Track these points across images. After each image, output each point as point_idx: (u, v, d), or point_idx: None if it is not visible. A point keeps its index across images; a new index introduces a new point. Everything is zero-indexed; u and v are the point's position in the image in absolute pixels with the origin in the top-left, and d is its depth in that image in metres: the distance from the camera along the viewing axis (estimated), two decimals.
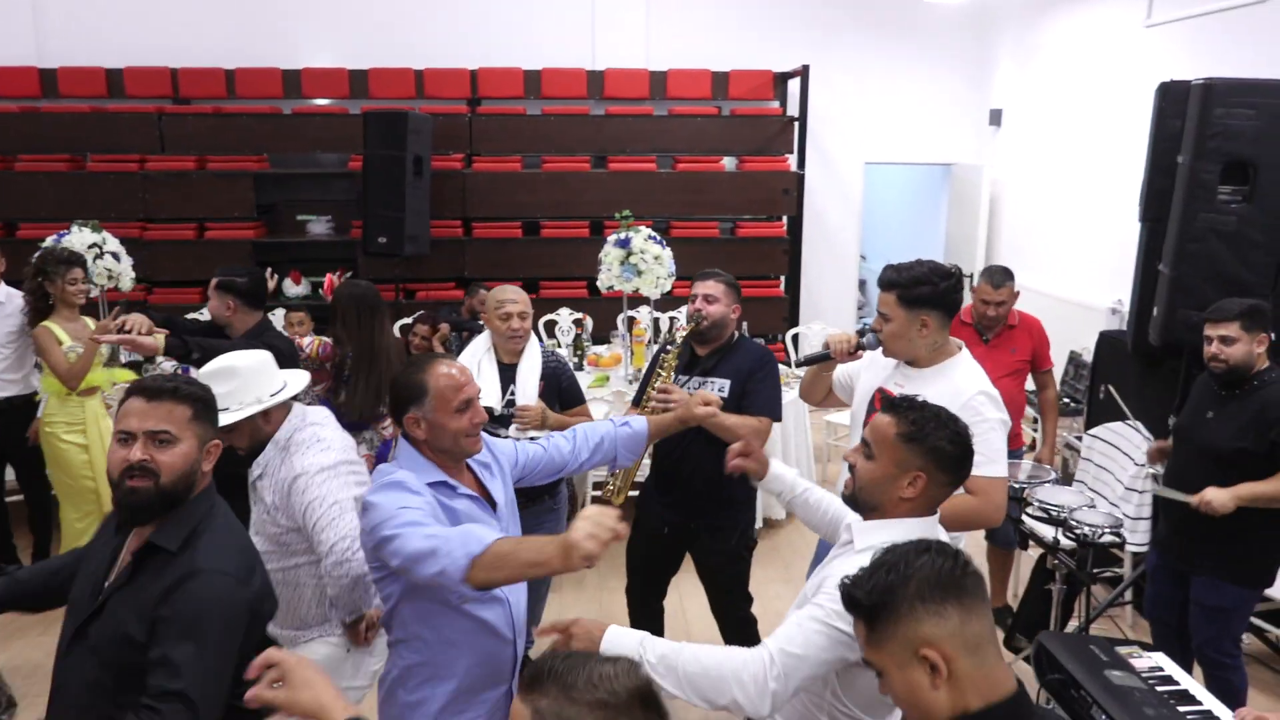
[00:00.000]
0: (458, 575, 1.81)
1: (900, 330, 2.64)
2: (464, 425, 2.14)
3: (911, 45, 8.41)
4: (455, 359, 2.24)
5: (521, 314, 3.44)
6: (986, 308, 4.12)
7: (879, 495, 1.90)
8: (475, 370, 3.53)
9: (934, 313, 2.61)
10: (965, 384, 2.62)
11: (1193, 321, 3.79)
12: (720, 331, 3.38)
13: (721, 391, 3.33)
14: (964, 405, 2.56)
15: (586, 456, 2.54)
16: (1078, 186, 6.97)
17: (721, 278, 3.39)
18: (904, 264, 2.68)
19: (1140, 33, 6.16)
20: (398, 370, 2.16)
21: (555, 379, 3.58)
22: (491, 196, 7.79)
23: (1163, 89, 4.20)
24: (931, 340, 2.64)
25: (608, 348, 6.60)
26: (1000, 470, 2.61)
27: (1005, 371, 4.13)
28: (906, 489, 1.87)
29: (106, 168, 7.59)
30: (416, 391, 2.11)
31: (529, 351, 3.53)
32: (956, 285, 2.65)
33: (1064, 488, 3.60)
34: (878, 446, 1.89)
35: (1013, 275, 4.21)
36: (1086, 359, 6.27)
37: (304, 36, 8.08)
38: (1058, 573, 3.48)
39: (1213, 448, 3.15)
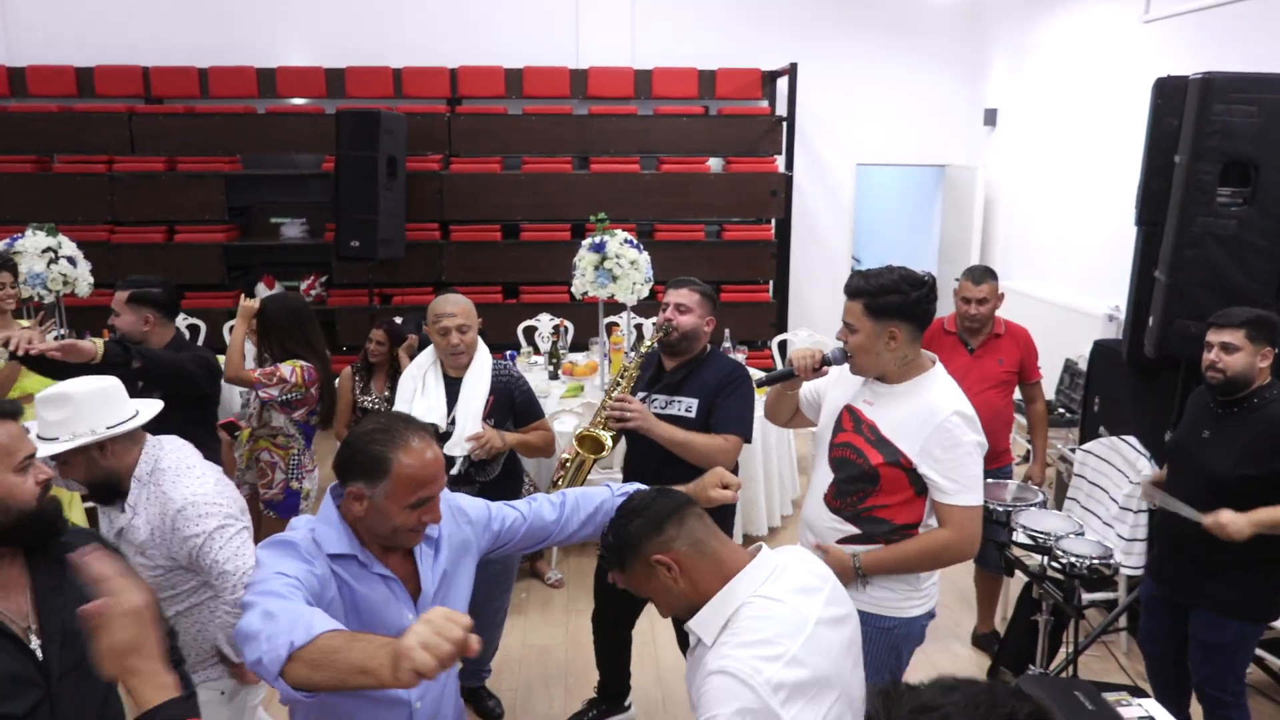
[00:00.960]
0: (274, 668, 1.51)
1: (867, 342, 2.42)
2: (411, 522, 1.81)
3: (903, 43, 8.18)
4: (431, 434, 1.86)
5: (461, 327, 3.21)
6: (968, 306, 3.88)
7: (676, 604, 1.83)
8: (420, 385, 3.31)
9: (903, 324, 2.39)
10: (940, 402, 2.41)
11: (1190, 332, 3.56)
12: (691, 344, 3.17)
13: (689, 411, 3.12)
14: (938, 427, 2.37)
15: (576, 528, 2.17)
16: (1076, 188, 6.73)
17: (696, 286, 3.18)
18: (872, 270, 2.46)
19: (1138, 28, 5.93)
20: (363, 430, 1.82)
21: (507, 394, 3.35)
22: (470, 198, 7.57)
23: (1159, 85, 3.97)
24: (901, 354, 2.42)
25: (586, 355, 6.37)
26: (976, 499, 2.40)
27: (992, 383, 3.90)
28: (679, 580, 1.79)
29: (73, 169, 7.38)
30: (374, 468, 1.78)
31: (476, 365, 3.30)
32: (929, 295, 2.43)
33: (1051, 512, 3.36)
34: (629, 584, 1.87)
35: (996, 276, 3.98)
36: (1083, 367, 6.04)
37: (279, 35, 7.87)
38: (1044, 602, 3.25)
39: (1212, 472, 2.90)
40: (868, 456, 2.43)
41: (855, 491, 2.47)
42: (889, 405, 2.45)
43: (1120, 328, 5.91)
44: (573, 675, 4.03)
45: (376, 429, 1.82)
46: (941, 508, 2.40)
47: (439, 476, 1.83)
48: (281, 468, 3.79)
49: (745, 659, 1.62)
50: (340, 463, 1.83)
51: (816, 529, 2.57)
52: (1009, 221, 7.81)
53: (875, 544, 2.45)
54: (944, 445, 2.35)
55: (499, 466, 3.35)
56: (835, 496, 2.51)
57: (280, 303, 3.82)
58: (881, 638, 2.50)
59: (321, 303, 7.64)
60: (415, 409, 3.26)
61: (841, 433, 2.53)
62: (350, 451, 1.81)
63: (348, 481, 1.81)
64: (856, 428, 2.50)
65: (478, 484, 3.29)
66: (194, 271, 7.43)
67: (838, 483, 2.50)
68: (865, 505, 2.46)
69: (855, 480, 2.46)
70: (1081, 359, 6.08)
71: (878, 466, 2.41)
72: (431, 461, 1.81)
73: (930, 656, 4.12)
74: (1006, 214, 7.85)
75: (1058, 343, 6.43)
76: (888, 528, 2.45)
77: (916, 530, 2.46)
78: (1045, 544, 3.07)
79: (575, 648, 4.21)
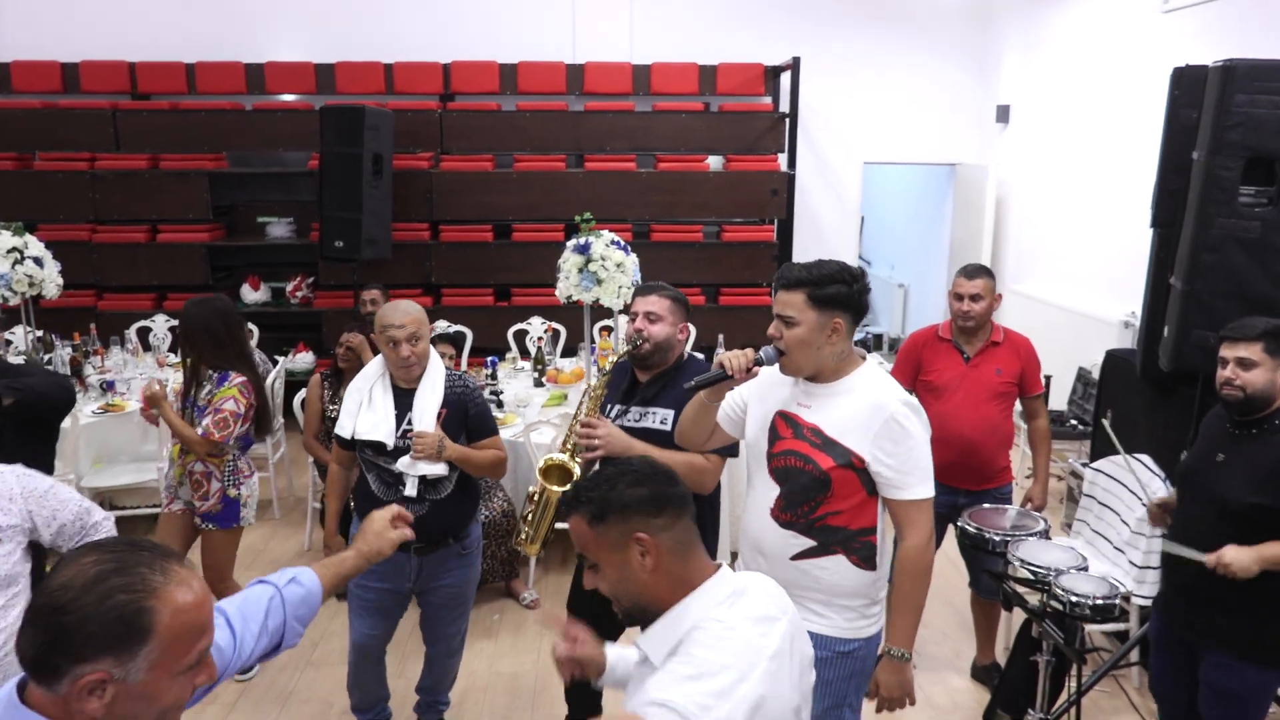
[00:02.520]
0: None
1: (808, 335, 2.24)
2: (184, 694, 1.31)
3: (911, 36, 7.86)
4: (183, 566, 1.31)
5: (412, 337, 2.96)
6: (960, 304, 3.58)
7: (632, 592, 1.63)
8: (366, 397, 3.07)
9: (846, 315, 2.27)
10: (883, 395, 2.28)
11: (1209, 344, 3.26)
12: (665, 355, 2.93)
13: (664, 423, 2.87)
14: (888, 420, 2.23)
15: (253, 645, 1.70)
16: (1090, 187, 6.41)
17: (666, 292, 2.94)
18: (808, 262, 2.31)
19: (1157, 18, 5.61)
20: (74, 581, 1.21)
21: (461, 407, 3.11)
22: (460, 197, 7.33)
23: (1177, 74, 3.67)
24: (840, 348, 2.28)
25: (574, 361, 6.12)
26: (929, 490, 2.29)
27: (988, 395, 3.61)
28: (645, 561, 1.60)
29: (55, 166, 7.20)
30: (125, 633, 1.21)
31: (428, 376, 3.07)
32: (866, 289, 2.30)
33: (1052, 544, 3.07)
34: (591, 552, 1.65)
35: (992, 275, 3.69)
36: (1095, 376, 5.73)
37: (269, 29, 7.67)
38: (1045, 642, 2.96)
39: (1224, 499, 2.61)
40: (817, 462, 2.27)
41: (806, 501, 2.31)
42: (828, 405, 2.30)
43: (1135, 335, 5.60)
44: (540, 707, 3.77)
45: (101, 574, 1.22)
46: (897, 505, 2.29)
47: (211, 609, 1.36)
48: (217, 476, 3.57)
49: (692, 694, 1.49)
50: (47, 646, 1.19)
51: (766, 548, 2.38)
52: (1022, 222, 7.49)
53: (831, 553, 2.31)
54: (895, 438, 2.24)
55: (451, 484, 3.10)
56: (784, 509, 2.34)
57: (207, 308, 3.54)
58: (840, 664, 2.35)
59: (308, 304, 7.43)
60: (362, 423, 3.06)
61: (780, 441, 2.35)
62: (63, 623, 1.18)
63: (71, 669, 1.19)
64: (797, 434, 2.32)
65: (428, 503, 3.05)
66: (177, 272, 7.23)
67: (785, 495, 2.33)
68: (819, 514, 2.31)
69: (805, 489, 2.30)
70: (1095, 367, 5.77)
71: (829, 471, 2.26)
72: (203, 590, 1.31)
73: (925, 691, 3.84)
74: (1019, 214, 7.53)
75: (1071, 350, 6.12)
76: (844, 534, 2.31)
77: (874, 536, 2.33)
78: (1045, 580, 2.78)
79: (548, 674, 3.94)
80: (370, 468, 3.09)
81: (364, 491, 3.13)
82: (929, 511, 2.31)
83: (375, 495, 3.06)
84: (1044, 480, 3.75)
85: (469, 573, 3.27)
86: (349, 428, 3.06)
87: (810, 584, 2.32)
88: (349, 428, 3.06)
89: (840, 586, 2.32)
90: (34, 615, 1.21)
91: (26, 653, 1.21)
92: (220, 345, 3.50)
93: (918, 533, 2.29)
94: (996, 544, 3.08)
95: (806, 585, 2.31)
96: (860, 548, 2.31)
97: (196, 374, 3.57)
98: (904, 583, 2.31)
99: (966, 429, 3.54)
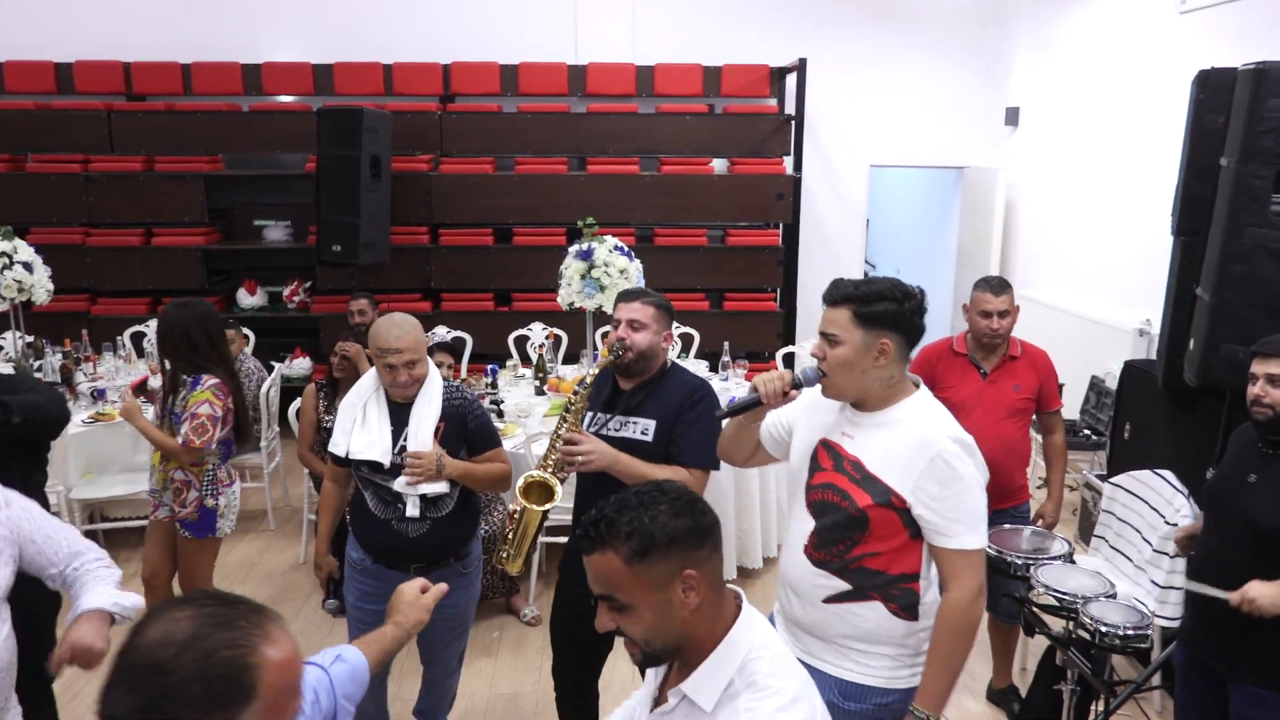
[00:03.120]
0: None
1: (852, 356, 2.06)
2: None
3: (919, 37, 7.73)
4: (275, 622, 1.20)
5: (409, 364, 2.79)
6: (988, 321, 3.43)
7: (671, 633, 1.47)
8: (360, 414, 2.93)
9: (895, 336, 2.06)
10: (933, 430, 2.06)
11: (1239, 358, 3.13)
12: (649, 363, 2.79)
13: (645, 434, 2.75)
14: (934, 458, 2.02)
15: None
16: (1103, 192, 6.28)
17: (649, 299, 2.80)
18: (858, 278, 2.13)
19: (1174, 19, 5.47)
20: (175, 638, 1.10)
21: (459, 419, 2.96)
22: (460, 201, 7.21)
23: (1202, 78, 3.54)
24: (888, 373, 2.08)
25: (576, 368, 5.99)
26: (980, 540, 2.06)
27: (1007, 412, 3.47)
28: (689, 598, 1.46)
29: (48, 168, 7.07)
30: (230, 692, 1.10)
31: (426, 389, 2.92)
32: (920, 308, 2.09)
33: (1078, 568, 2.94)
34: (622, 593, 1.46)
35: (1011, 287, 3.55)
36: (1109, 385, 5.61)
37: (266, 29, 7.55)
38: (1069, 670, 2.83)
39: (1257, 521, 2.48)
40: (853, 498, 2.08)
41: (841, 540, 2.11)
42: (872, 436, 2.10)
43: (1151, 343, 5.48)
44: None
45: (200, 630, 1.11)
46: (942, 554, 2.06)
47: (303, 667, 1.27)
48: (195, 485, 3.51)
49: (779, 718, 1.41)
50: (144, 709, 1.07)
51: (800, 587, 2.19)
52: (1031, 227, 7.36)
53: (867, 599, 2.10)
54: (941, 480, 2.02)
55: (453, 501, 2.96)
56: (818, 547, 2.15)
57: (188, 312, 3.44)
58: (874, 716, 2.14)
59: (305, 309, 7.31)
60: (356, 443, 2.91)
61: (820, 472, 2.17)
62: (163, 683, 1.07)
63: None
64: (837, 465, 2.14)
65: (429, 521, 2.92)
66: (172, 276, 7.11)
67: (819, 530, 2.14)
68: (854, 554, 2.10)
69: (840, 526, 2.11)
70: (1109, 376, 5.65)
71: (866, 509, 2.06)
72: (296, 647, 1.20)
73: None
74: (1029, 219, 7.40)
75: (1083, 358, 5.99)
76: (882, 579, 2.10)
77: (916, 583, 2.12)
78: (1071, 607, 2.66)
79: (548, 695, 3.77)
80: (367, 485, 2.96)
81: (361, 509, 3.00)
82: (978, 563, 2.07)
83: (373, 514, 2.94)
84: (1058, 498, 3.62)
85: (469, 592, 3.14)
86: (343, 446, 2.93)
87: (844, 629, 2.14)
88: (343, 446, 2.93)
89: (876, 635, 2.13)
90: (126, 674, 1.09)
91: (117, 714, 1.09)
92: (195, 350, 3.40)
93: (963, 585, 2.04)
94: (1018, 567, 2.95)
95: (840, 630, 2.14)
96: (900, 595, 2.11)
97: (175, 379, 3.48)
98: (942, 637, 2.06)
99: (984, 447, 3.34)
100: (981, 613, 2.09)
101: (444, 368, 4.36)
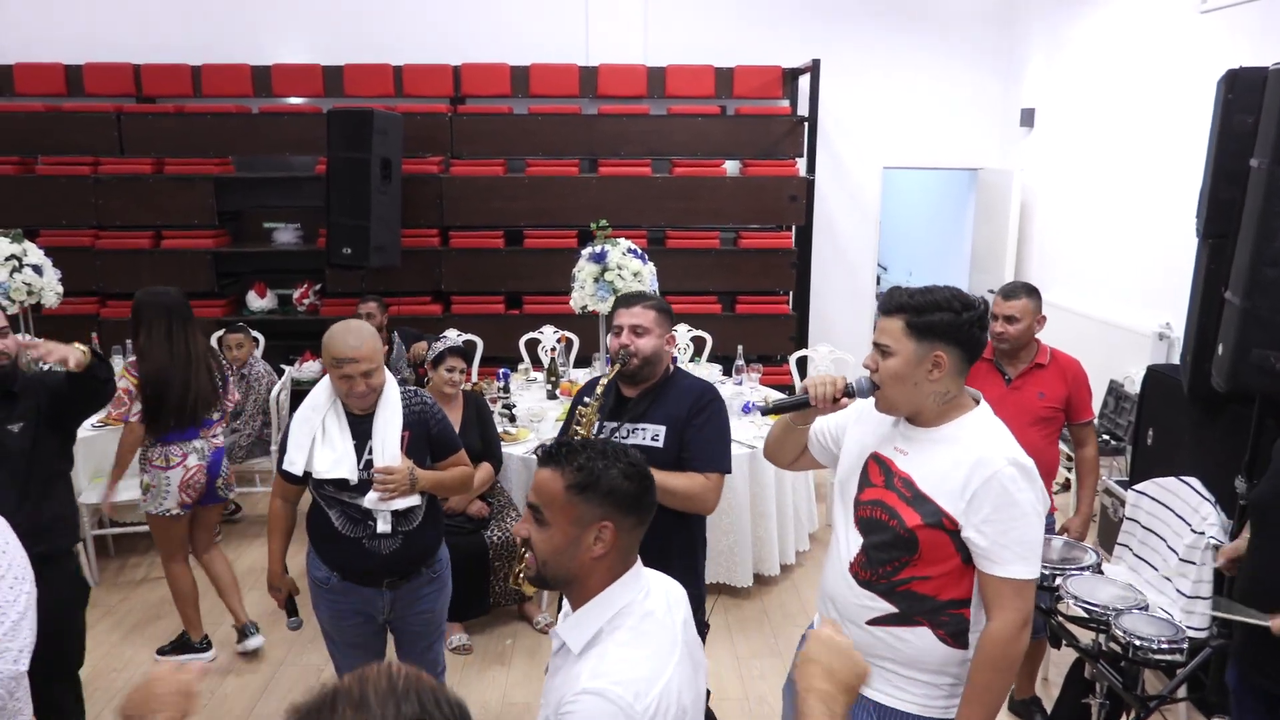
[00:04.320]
0: None
1: (904, 369, 1.98)
2: None
3: (933, 37, 7.66)
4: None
5: (367, 372, 2.67)
6: (995, 324, 3.41)
7: (567, 564, 1.62)
8: (320, 432, 2.75)
9: (952, 349, 1.97)
10: (990, 450, 1.95)
11: (1270, 364, 3.07)
12: (653, 369, 2.74)
13: (655, 440, 2.69)
14: (989, 480, 1.91)
15: None
16: (1120, 194, 6.20)
17: (650, 303, 2.74)
18: (915, 287, 2.03)
19: (1194, 18, 5.40)
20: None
21: (423, 425, 2.87)
22: (470, 203, 7.16)
23: (1230, 77, 3.47)
24: (943, 387, 1.99)
25: (588, 372, 5.93)
26: (1032, 571, 1.94)
27: (1029, 419, 3.40)
28: (595, 546, 1.61)
29: (57, 170, 7.05)
30: None
31: (386, 398, 2.79)
32: (981, 320, 1.99)
33: (1108, 579, 2.87)
34: (548, 509, 1.62)
35: (1037, 294, 3.50)
36: (1129, 389, 5.53)
37: (275, 30, 7.51)
38: (1099, 684, 2.76)
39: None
40: (902, 517, 1.99)
41: (889, 560, 2.02)
42: (926, 453, 2.01)
43: (1171, 346, 5.40)
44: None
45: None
46: (988, 581, 1.95)
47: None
48: (142, 466, 3.89)
49: (625, 682, 1.51)
50: None
51: (843, 607, 2.11)
52: (1047, 229, 7.29)
53: (914, 624, 2.01)
54: (996, 504, 1.91)
55: (422, 511, 2.87)
56: (864, 566, 2.06)
57: (156, 297, 3.82)
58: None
59: (315, 312, 7.27)
60: (320, 461, 2.74)
61: (870, 488, 2.08)
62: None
63: None
64: (888, 482, 2.05)
65: (401, 535, 2.82)
66: (181, 279, 7.01)
67: (867, 549, 2.05)
68: (902, 577, 2.01)
69: (888, 547, 2.01)
70: (1128, 380, 5.58)
71: (915, 529, 1.97)
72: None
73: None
74: (1044, 221, 7.32)
75: (1102, 362, 5.90)
76: (931, 605, 2.00)
77: (966, 610, 2.01)
78: (1102, 619, 2.59)
79: None
80: (332, 504, 2.79)
81: (326, 530, 2.82)
82: (1027, 595, 1.95)
83: (341, 534, 2.79)
84: (1086, 514, 3.56)
85: (442, 596, 3.05)
86: (300, 464, 2.74)
87: (887, 652, 2.05)
88: (300, 464, 2.74)
89: (921, 661, 2.03)
90: None
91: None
92: (155, 334, 3.75)
93: (1007, 616, 1.93)
94: (1045, 578, 2.88)
95: (882, 653, 2.05)
96: (949, 621, 2.01)
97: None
98: (981, 670, 1.95)
99: None
100: (1024, 648, 1.98)
101: (455, 372, 4.32)
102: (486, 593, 4.27)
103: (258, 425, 5.35)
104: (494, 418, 4.58)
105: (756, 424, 4.90)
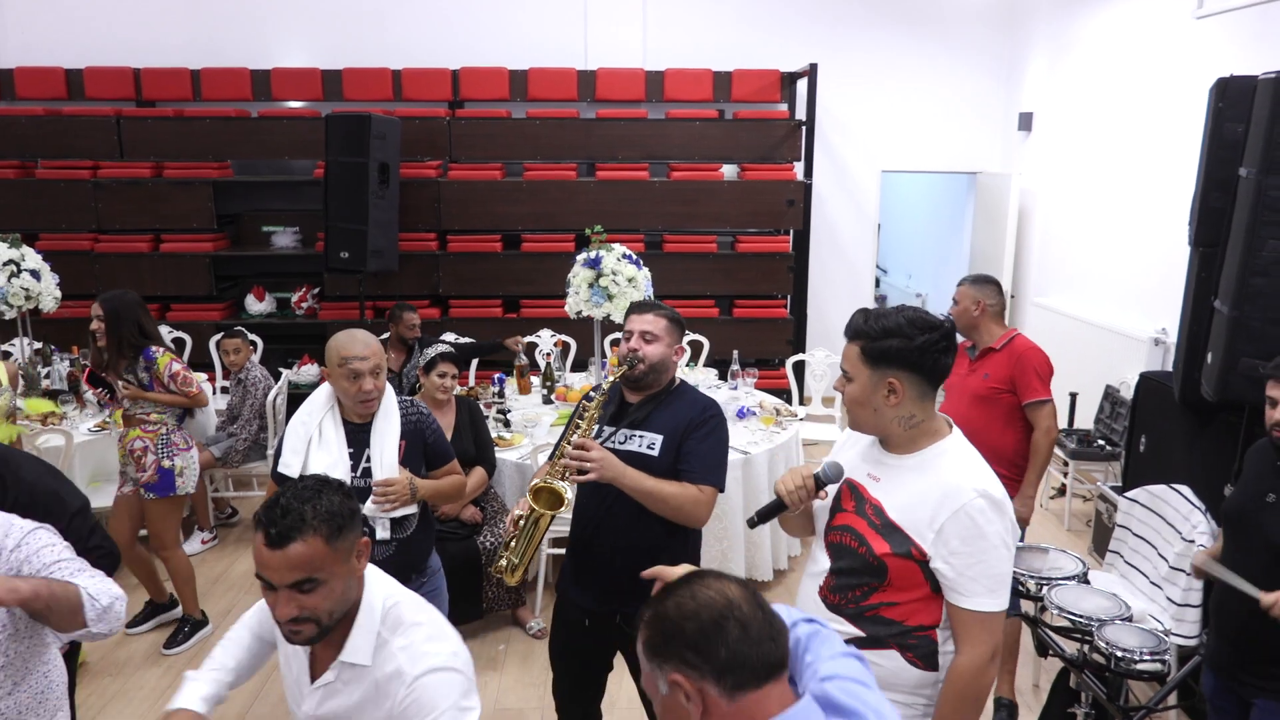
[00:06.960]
0: None
1: (861, 395, 1.97)
2: None
3: (932, 41, 7.67)
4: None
5: (375, 370, 2.72)
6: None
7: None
8: (315, 435, 2.78)
9: (906, 375, 1.93)
10: (960, 480, 1.92)
11: (1258, 373, 3.06)
12: (659, 376, 2.72)
13: (652, 448, 2.67)
14: (958, 512, 1.89)
15: None
16: (1118, 198, 6.20)
17: (662, 311, 2.73)
18: (880, 310, 2.01)
19: (1190, 24, 5.39)
20: None
21: (418, 435, 2.89)
22: (468, 207, 7.18)
23: (1220, 85, 3.47)
24: (905, 411, 1.96)
25: (585, 377, 5.94)
26: (999, 603, 1.91)
27: (970, 399, 3.63)
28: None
29: (57, 174, 7.08)
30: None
31: (385, 408, 2.82)
32: (940, 343, 1.94)
33: (1093, 589, 2.87)
34: (319, 573, 1.67)
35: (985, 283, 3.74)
36: (1124, 395, 5.53)
37: (275, 34, 7.55)
38: (1084, 694, 2.76)
39: (1275, 543, 2.41)
40: (871, 545, 1.97)
41: (857, 586, 2.00)
42: (897, 481, 1.98)
43: (1167, 352, 5.40)
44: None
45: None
46: (956, 613, 1.92)
47: None
48: (151, 449, 3.96)
49: (442, 650, 1.70)
50: None
51: None
52: (1045, 233, 7.28)
53: (885, 647, 1.98)
54: (964, 536, 1.88)
55: (416, 518, 2.88)
56: (833, 590, 2.04)
57: (124, 299, 3.97)
58: None
59: (313, 316, 7.30)
60: (314, 463, 2.76)
61: (841, 513, 2.06)
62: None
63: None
64: (859, 508, 2.03)
65: (396, 543, 2.82)
66: (180, 283, 7.11)
67: (835, 572, 2.03)
68: (870, 603, 1.99)
69: (856, 573, 1.99)
70: (1124, 385, 5.57)
71: (884, 558, 1.94)
72: None
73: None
74: (1042, 225, 7.32)
75: (1099, 368, 5.91)
76: (898, 629, 1.98)
77: (934, 632, 1.99)
78: (1086, 629, 2.59)
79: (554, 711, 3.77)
80: None
81: None
82: (994, 627, 1.92)
83: None
84: (1025, 495, 3.58)
85: (434, 601, 3.05)
86: (296, 467, 2.75)
87: None
88: (296, 467, 2.75)
89: (893, 684, 2.00)
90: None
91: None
92: (142, 330, 3.94)
93: (975, 651, 1.90)
94: (1031, 589, 2.89)
95: None
96: (917, 644, 1.99)
97: (116, 359, 3.94)
98: (949, 702, 1.93)
99: None
100: (992, 681, 1.96)
101: (448, 378, 4.32)
102: (479, 598, 4.28)
103: (254, 429, 5.37)
104: (488, 422, 4.59)
105: (750, 429, 4.90)
